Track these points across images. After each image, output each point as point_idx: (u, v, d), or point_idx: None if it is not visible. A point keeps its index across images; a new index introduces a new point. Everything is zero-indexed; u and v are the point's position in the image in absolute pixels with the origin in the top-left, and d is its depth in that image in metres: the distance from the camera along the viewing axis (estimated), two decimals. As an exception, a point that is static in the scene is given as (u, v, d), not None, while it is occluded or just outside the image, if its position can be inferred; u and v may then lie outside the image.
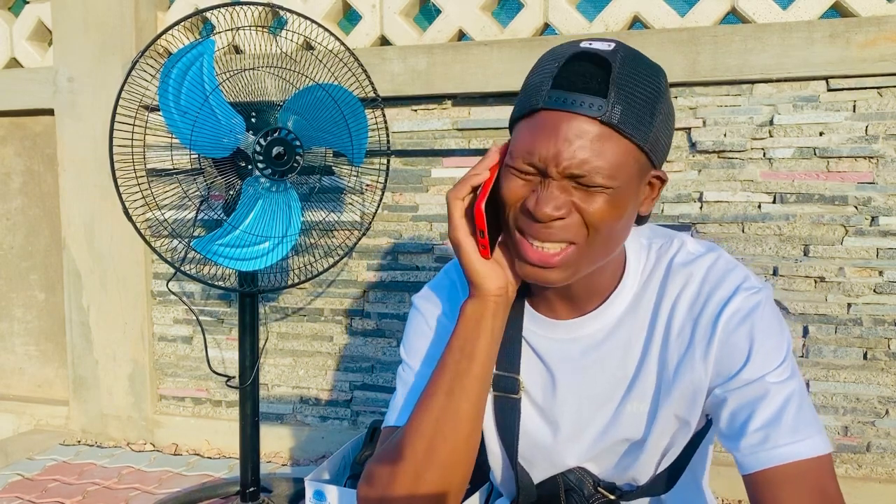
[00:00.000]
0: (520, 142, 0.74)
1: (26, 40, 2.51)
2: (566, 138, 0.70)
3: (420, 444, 0.79)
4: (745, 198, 1.87)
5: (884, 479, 1.85)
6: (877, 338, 1.81)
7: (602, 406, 0.85)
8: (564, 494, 0.88)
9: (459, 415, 0.79)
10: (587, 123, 0.69)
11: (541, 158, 0.71)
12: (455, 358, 0.80)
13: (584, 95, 0.69)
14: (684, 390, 0.80)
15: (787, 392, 0.74)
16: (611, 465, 0.88)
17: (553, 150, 0.70)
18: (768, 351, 0.76)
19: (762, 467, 0.72)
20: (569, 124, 0.70)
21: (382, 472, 0.81)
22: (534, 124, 0.72)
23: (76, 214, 2.40)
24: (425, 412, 0.80)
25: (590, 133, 0.69)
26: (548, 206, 0.71)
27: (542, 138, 0.71)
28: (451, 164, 2.10)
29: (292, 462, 2.27)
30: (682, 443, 0.85)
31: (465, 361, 0.80)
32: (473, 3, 2.05)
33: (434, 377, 0.82)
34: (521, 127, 0.75)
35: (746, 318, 0.77)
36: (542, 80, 0.73)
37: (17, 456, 2.32)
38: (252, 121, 1.62)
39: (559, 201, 0.71)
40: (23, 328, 2.69)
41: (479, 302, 0.81)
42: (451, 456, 0.79)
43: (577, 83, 0.70)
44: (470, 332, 0.80)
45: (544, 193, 0.72)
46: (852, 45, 1.71)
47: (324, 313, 2.26)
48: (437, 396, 0.80)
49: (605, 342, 0.84)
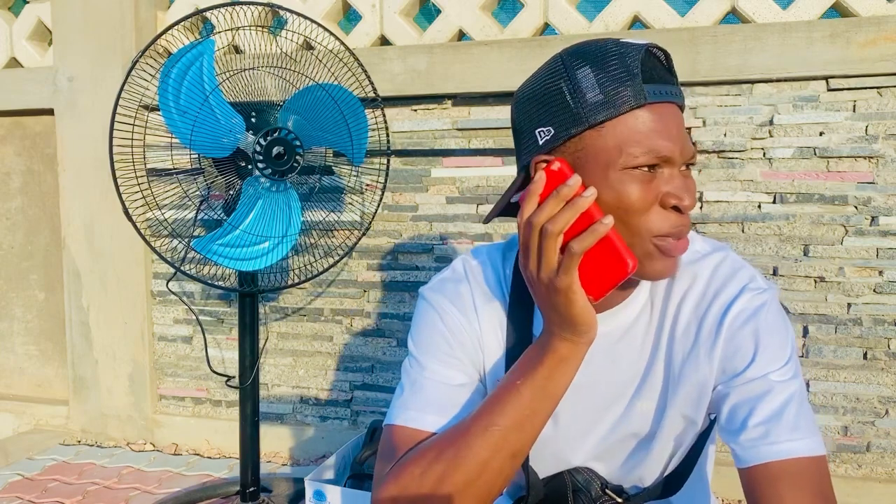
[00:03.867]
0: (631, 141, 0.70)
1: (26, 40, 2.51)
2: (678, 126, 0.73)
3: (473, 471, 0.74)
4: (745, 198, 1.87)
5: (884, 479, 1.85)
6: (877, 338, 1.81)
7: (613, 404, 0.85)
8: (572, 495, 0.88)
9: (521, 451, 0.75)
10: (677, 110, 0.75)
11: (666, 149, 0.71)
12: (535, 396, 0.74)
13: (673, 86, 0.74)
14: (690, 389, 0.80)
15: (789, 391, 0.74)
16: (618, 465, 0.88)
17: (677, 139, 0.72)
18: (773, 350, 0.76)
19: (761, 461, 0.72)
20: (674, 113, 0.73)
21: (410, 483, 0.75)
22: (641, 120, 0.71)
23: (76, 214, 2.40)
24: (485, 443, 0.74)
25: (680, 117, 0.75)
26: (692, 195, 0.73)
27: (660, 130, 0.71)
28: (451, 163, 2.10)
29: (292, 462, 2.27)
30: (689, 443, 0.85)
31: (545, 402, 0.75)
32: (473, 2, 2.05)
33: (501, 408, 0.75)
34: (619, 127, 0.70)
35: (752, 318, 0.77)
36: (630, 78, 0.70)
37: (17, 456, 2.32)
38: (252, 121, 1.62)
39: (691, 194, 0.73)
40: (23, 328, 2.69)
41: (577, 345, 0.74)
42: (500, 486, 0.76)
43: (660, 75, 0.73)
44: (558, 373, 0.74)
45: (684, 183, 0.73)
46: (852, 44, 1.71)
47: (324, 313, 2.26)
48: (502, 430, 0.74)
49: (620, 340, 0.83)
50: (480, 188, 2.08)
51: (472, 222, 2.09)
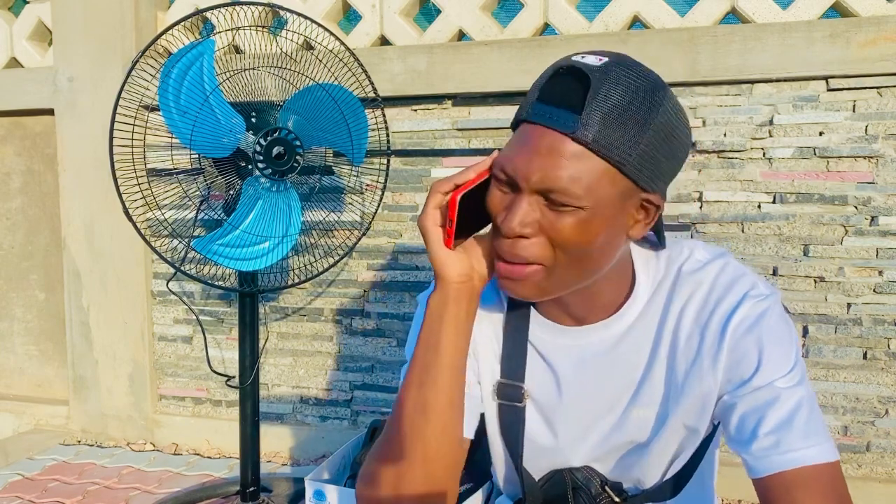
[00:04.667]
0: (504, 151, 0.75)
1: (26, 40, 2.51)
2: (538, 152, 0.70)
3: (397, 441, 0.80)
4: (745, 198, 1.87)
5: (884, 478, 1.85)
6: (877, 338, 1.81)
7: (608, 412, 0.85)
8: (572, 493, 0.88)
9: (430, 406, 0.79)
10: (560, 140, 0.69)
11: (514, 170, 0.71)
12: (421, 351, 0.81)
13: (560, 110, 0.69)
14: (693, 400, 0.80)
15: (797, 397, 0.74)
16: (615, 465, 0.88)
17: (525, 163, 0.70)
18: (777, 358, 0.75)
19: (775, 471, 0.71)
20: (542, 138, 0.70)
21: (371, 472, 0.82)
22: (518, 136, 0.74)
23: (76, 214, 2.40)
24: (399, 408, 0.81)
25: (563, 150, 0.69)
26: (513, 221, 0.71)
27: (519, 150, 0.72)
28: (451, 164, 2.10)
29: (292, 462, 2.27)
30: (690, 450, 0.85)
31: (431, 353, 0.80)
32: (473, 2, 2.05)
33: (406, 373, 0.82)
34: (511, 137, 0.76)
35: (754, 326, 0.76)
36: (531, 92, 0.73)
37: (17, 456, 2.32)
38: (252, 121, 1.62)
39: (526, 217, 0.71)
40: (23, 328, 2.69)
41: (441, 291, 0.80)
42: (428, 450, 0.78)
43: (557, 97, 0.70)
44: (434, 323, 0.80)
45: (513, 208, 0.72)
46: (852, 44, 1.71)
47: (324, 313, 2.26)
48: (409, 391, 0.80)
49: (613, 349, 0.83)
50: (480, 188, 2.07)
51: (472, 222, 2.09)
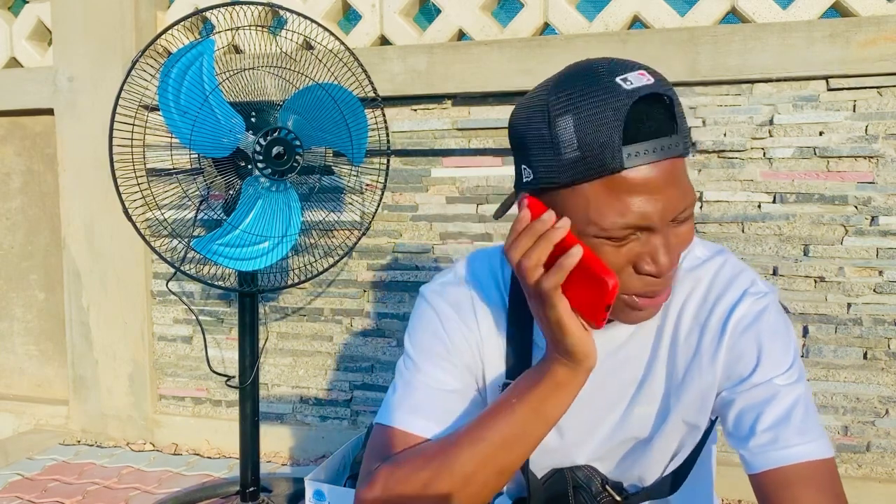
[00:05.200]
0: (605, 210, 0.66)
1: (26, 40, 2.51)
2: (659, 189, 0.66)
3: (458, 482, 0.74)
4: (745, 197, 1.86)
5: (884, 479, 1.85)
6: (877, 337, 1.81)
7: (611, 410, 0.85)
8: (573, 491, 0.88)
9: (508, 469, 0.75)
10: (671, 164, 0.67)
11: (643, 218, 0.66)
12: (526, 417, 0.74)
13: (663, 139, 0.65)
14: (693, 396, 0.80)
15: (795, 394, 0.74)
16: (618, 465, 0.88)
17: (654, 205, 0.66)
18: (776, 355, 0.76)
19: (772, 466, 0.72)
20: (658, 174, 0.66)
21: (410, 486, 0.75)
22: (617, 186, 0.66)
23: (76, 214, 2.40)
24: (472, 457, 0.74)
25: (674, 171, 0.67)
26: (668, 263, 0.69)
27: (637, 197, 0.66)
28: (451, 163, 2.10)
29: (292, 462, 2.27)
30: (690, 446, 0.86)
31: (538, 424, 0.74)
32: (473, 2, 2.05)
33: (492, 423, 0.75)
34: (594, 191, 0.67)
35: (753, 324, 0.77)
36: (608, 139, 0.64)
37: (17, 456, 2.32)
38: (252, 120, 1.62)
39: (673, 251, 0.69)
40: (23, 328, 2.69)
41: (576, 372, 0.73)
42: (485, 499, 0.76)
43: (651, 129, 0.65)
44: (553, 397, 0.74)
45: (661, 251, 0.68)
46: (852, 44, 1.71)
47: (324, 313, 2.26)
48: (491, 446, 0.74)
49: (618, 350, 0.83)
50: (480, 188, 2.08)
51: (472, 222, 2.09)
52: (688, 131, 0.69)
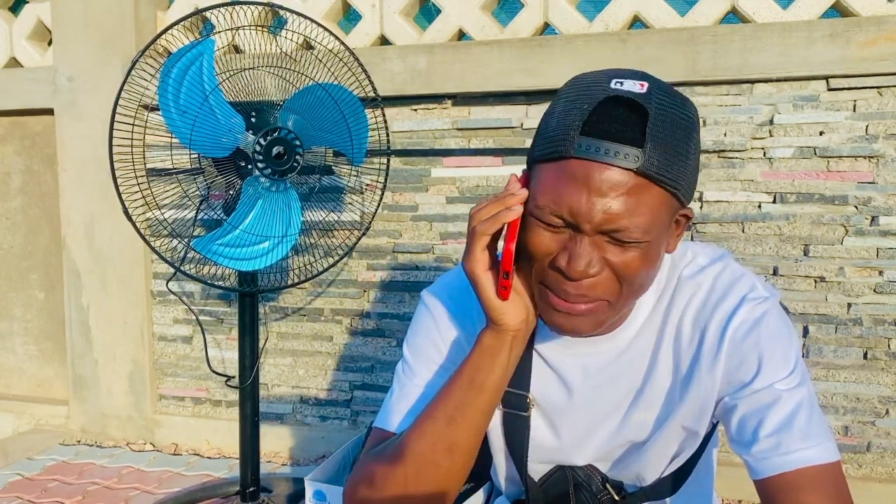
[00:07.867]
0: (545, 190, 0.69)
1: (26, 40, 2.51)
2: (599, 191, 0.65)
3: (412, 465, 0.77)
4: (746, 197, 1.86)
5: (884, 478, 1.85)
6: (877, 338, 1.81)
7: (610, 415, 0.85)
8: (574, 490, 0.89)
9: (459, 447, 0.77)
10: (622, 175, 0.65)
11: (571, 212, 0.67)
12: (463, 388, 0.77)
13: (620, 145, 0.65)
14: (693, 403, 0.80)
15: (797, 399, 0.74)
16: (615, 464, 0.88)
17: (585, 204, 0.66)
18: (777, 361, 0.75)
19: (776, 472, 0.72)
20: (602, 176, 0.65)
21: (375, 477, 0.79)
22: (561, 172, 0.67)
23: (76, 214, 2.40)
24: (421, 437, 0.77)
25: (625, 185, 0.65)
26: (580, 265, 0.68)
27: (573, 190, 0.66)
28: (451, 163, 2.10)
29: (292, 462, 2.27)
30: (690, 450, 0.86)
31: (472, 393, 0.77)
32: (473, 2, 2.05)
33: (437, 401, 0.79)
34: (546, 172, 0.69)
35: (753, 330, 0.76)
36: (571, 124, 0.67)
37: (16, 456, 2.32)
38: (252, 120, 1.62)
39: (593, 259, 0.68)
40: (23, 328, 2.69)
41: (498, 335, 0.76)
42: (442, 482, 0.77)
43: (611, 131, 0.65)
44: (483, 364, 0.77)
45: (576, 251, 0.68)
46: (852, 44, 1.71)
47: (324, 313, 2.26)
48: (436, 422, 0.77)
49: (619, 358, 0.84)
50: (480, 188, 2.08)
51: (472, 222, 2.09)
52: (666, 151, 0.66)
